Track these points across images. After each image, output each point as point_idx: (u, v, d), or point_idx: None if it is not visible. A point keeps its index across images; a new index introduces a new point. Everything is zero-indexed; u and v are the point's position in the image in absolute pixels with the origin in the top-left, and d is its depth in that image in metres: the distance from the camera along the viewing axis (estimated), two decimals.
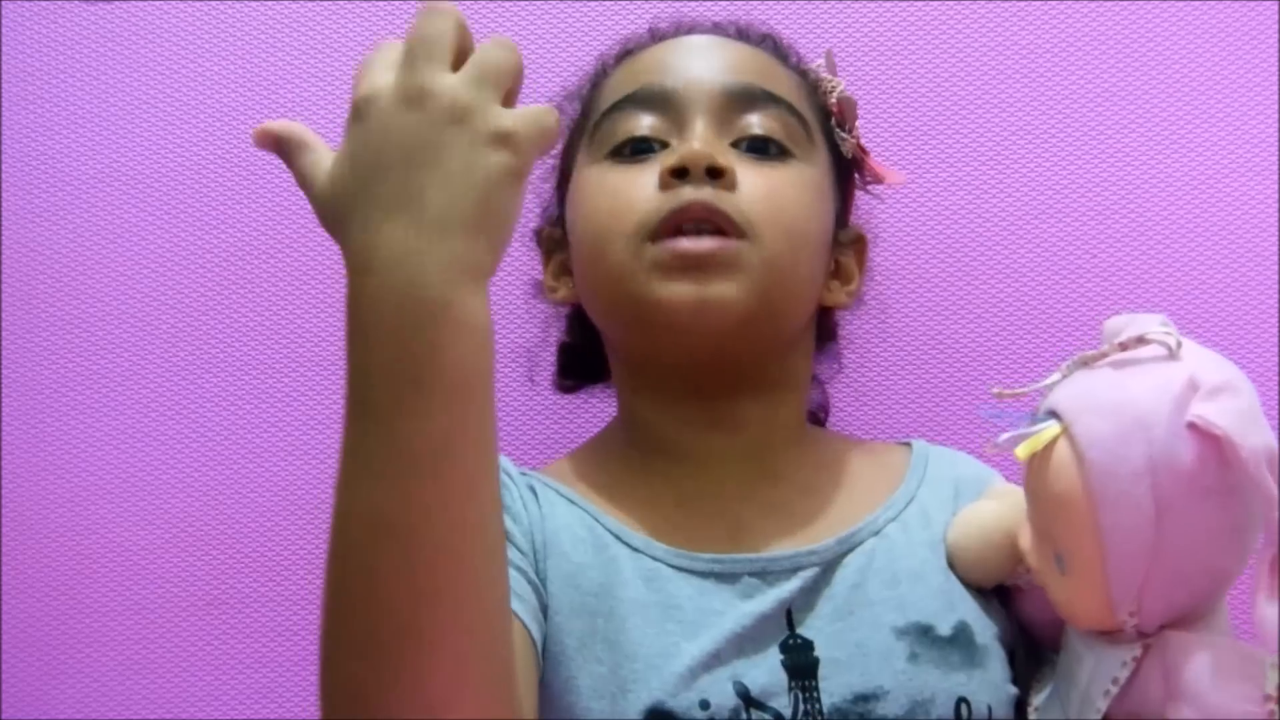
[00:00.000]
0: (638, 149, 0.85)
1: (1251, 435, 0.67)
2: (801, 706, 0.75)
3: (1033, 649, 0.84)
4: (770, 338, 0.86)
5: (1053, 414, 0.73)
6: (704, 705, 0.74)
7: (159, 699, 1.11)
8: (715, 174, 0.81)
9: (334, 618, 0.61)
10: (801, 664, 0.77)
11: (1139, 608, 0.71)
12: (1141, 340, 0.72)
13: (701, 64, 0.88)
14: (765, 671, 0.76)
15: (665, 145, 0.85)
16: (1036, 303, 1.13)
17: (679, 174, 0.81)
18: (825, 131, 0.91)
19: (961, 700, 0.77)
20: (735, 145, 0.85)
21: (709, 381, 0.86)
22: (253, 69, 1.17)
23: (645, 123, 0.86)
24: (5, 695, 1.11)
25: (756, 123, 0.86)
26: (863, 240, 0.96)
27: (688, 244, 0.81)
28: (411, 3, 1.17)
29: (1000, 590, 0.85)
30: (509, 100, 0.62)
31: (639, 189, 0.83)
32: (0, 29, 1.17)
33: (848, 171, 0.93)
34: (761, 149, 0.85)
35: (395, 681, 0.58)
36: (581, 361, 1.00)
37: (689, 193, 0.81)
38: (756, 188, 0.83)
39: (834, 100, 0.91)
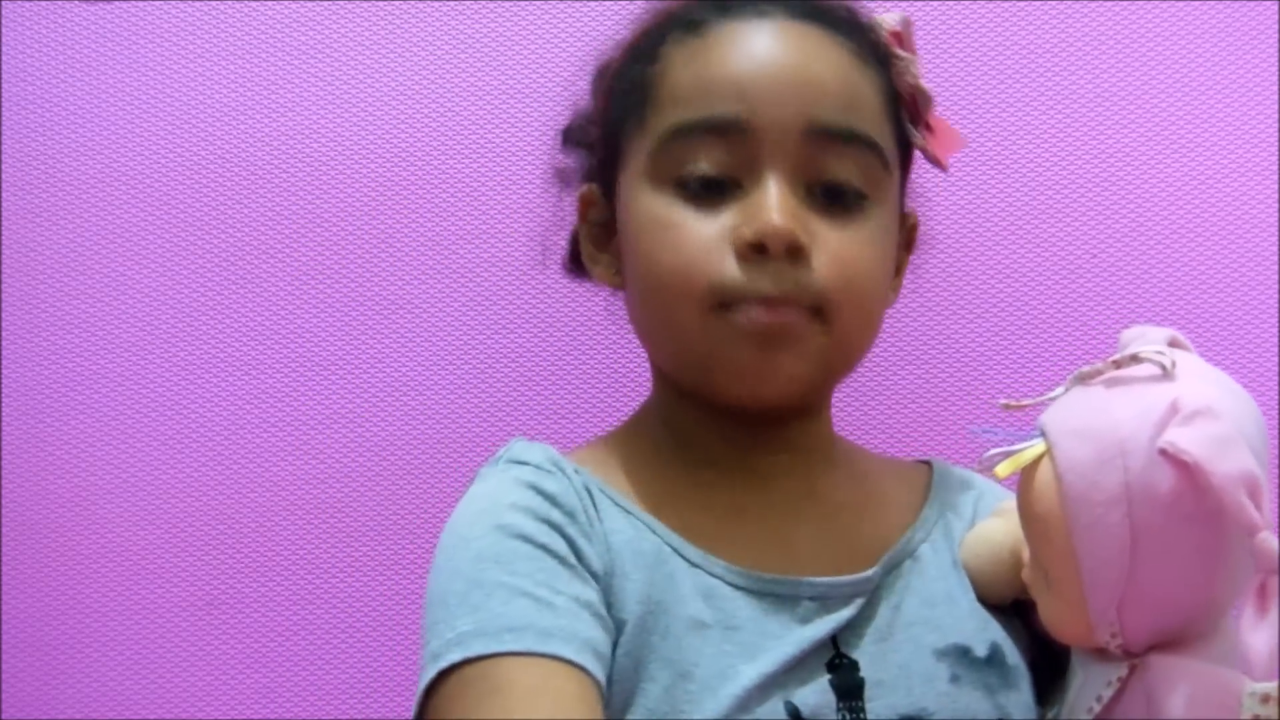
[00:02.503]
0: (706, 184, 0.80)
1: (1225, 461, 0.66)
2: None
3: (1055, 664, 0.84)
4: (831, 384, 0.86)
5: (1043, 432, 0.73)
6: None
7: (159, 699, 1.11)
8: (793, 249, 0.78)
9: None
10: (848, 684, 0.77)
11: (1120, 629, 0.71)
12: (1136, 359, 0.72)
13: (784, 88, 0.80)
14: (815, 692, 0.76)
15: (736, 184, 0.80)
16: (1036, 303, 1.13)
17: (758, 247, 0.78)
18: (897, 127, 0.86)
19: None
20: (810, 189, 0.80)
21: (761, 413, 0.84)
22: (253, 69, 1.17)
23: (715, 158, 0.80)
24: (5, 695, 1.11)
25: (836, 167, 0.81)
26: (916, 228, 0.92)
27: (760, 316, 0.78)
28: (409, 2, 1.17)
29: (1019, 607, 0.84)
30: None
31: (709, 247, 0.79)
32: (0, 29, 1.17)
33: (909, 157, 0.89)
34: (838, 196, 0.81)
35: None
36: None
37: (766, 280, 0.78)
38: (831, 259, 0.79)
39: (907, 85, 0.86)
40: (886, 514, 0.86)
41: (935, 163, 0.89)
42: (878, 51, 0.85)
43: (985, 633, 0.81)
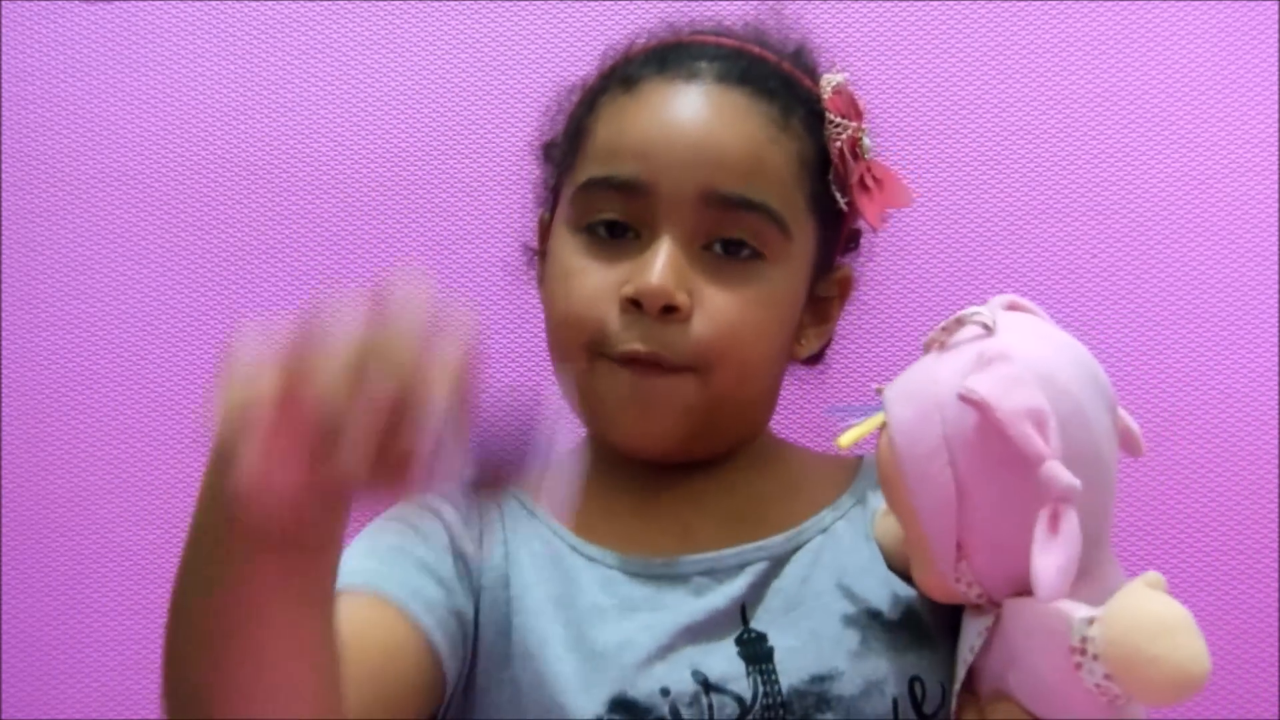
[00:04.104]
0: (611, 229, 0.86)
1: (1010, 397, 0.69)
2: (760, 688, 0.79)
3: None
4: (722, 438, 0.89)
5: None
6: (664, 692, 0.78)
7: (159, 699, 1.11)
8: (670, 309, 0.83)
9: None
10: (756, 653, 0.81)
11: (976, 579, 0.74)
12: (960, 321, 0.75)
13: (684, 154, 0.85)
14: (722, 660, 0.80)
15: (638, 234, 0.86)
16: (1036, 302, 1.13)
17: (636, 303, 0.83)
18: (818, 191, 0.89)
19: (915, 679, 0.81)
20: (707, 246, 0.85)
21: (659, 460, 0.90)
22: (253, 69, 1.17)
23: (618, 210, 0.86)
24: (5, 695, 1.11)
25: (731, 229, 0.86)
26: (848, 280, 0.96)
27: (625, 380, 0.84)
28: (409, 2, 1.17)
29: None
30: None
31: (598, 297, 0.85)
32: (0, 29, 1.17)
33: (840, 216, 0.92)
34: (734, 251, 0.86)
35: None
36: None
37: (637, 338, 0.83)
38: (713, 315, 0.84)
39: (835, 149, 0.90)
40: (799, 499, 0.90)
41: (865, 221, 0.93)
42: (810, 116, 0.89)
43: (899, 598, 0.84)
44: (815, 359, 0.99)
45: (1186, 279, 1.13)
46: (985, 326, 0.74)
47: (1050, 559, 0.67)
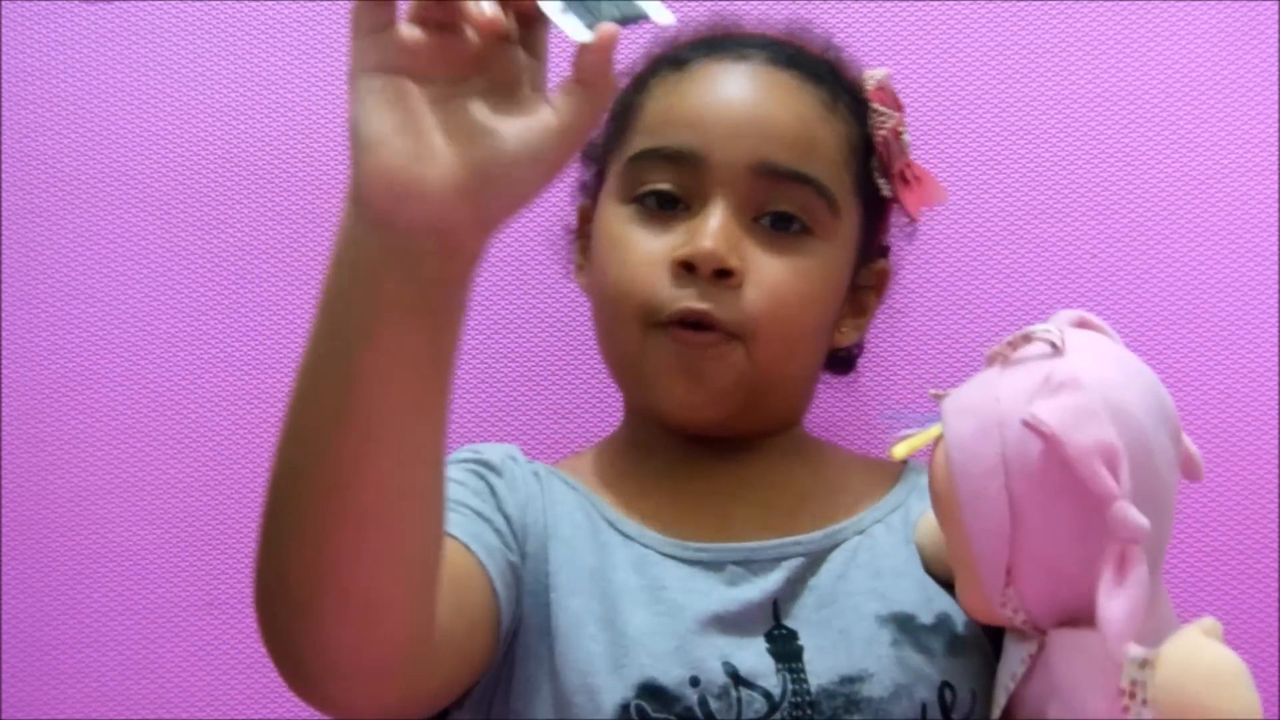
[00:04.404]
0: (661, 200, 0.88)
1: (1081, 432, 0.67)
2: (789, 686, 0.79)
3: None
4: (766, 414, 0.90)
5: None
6: (694, 682, 0.78)
7: (159, 699, 1.11)
8: (723, 274, 0.84)
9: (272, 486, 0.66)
10: (786, 651, 0.80)
11: (1023, 604, 0.72)
12: (1028, 338, 0.73)
13: (738, 126, 0.87)
14: (752, 655, 0.80)
15: (687, 207, 0.87)
16: (1036, 303, 1.13)
17: (688, 266, 0.84)
18: (862, 177, 0.92)
19: (945, 685, 0.80)
20: (757, 218, 0.87)
21: (702, 435, 0.90)
22: (253, 69, 1.17)
23: (670, 177, 0.87)
24: (5, 696, 1.11)
25: (781, 200, 0.87)
26: (886, 273, 0.98)
27: (682, 339, 0.85)
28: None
29: None
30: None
31: (650, 264, 0.86)
32: (0, 29, 1.17)
33: (881, 207, 0.95)
34: (783, 224, 0.87)
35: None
36: None
37: (691, 297, 0.84)
38: (763, 283, 0.85)
39: (879, 136, 0.92)
40: (838, 498, 0.90)
41: (905, 213, 0.96)
42: (855, 103, 0.92)
43: (933, 603, 0.83)
44: (847, 367, 1.00)
45: (1186, 279, 1.13)
46: (1054, 345, 0.72)
47: (1119, 604, 0.65)
